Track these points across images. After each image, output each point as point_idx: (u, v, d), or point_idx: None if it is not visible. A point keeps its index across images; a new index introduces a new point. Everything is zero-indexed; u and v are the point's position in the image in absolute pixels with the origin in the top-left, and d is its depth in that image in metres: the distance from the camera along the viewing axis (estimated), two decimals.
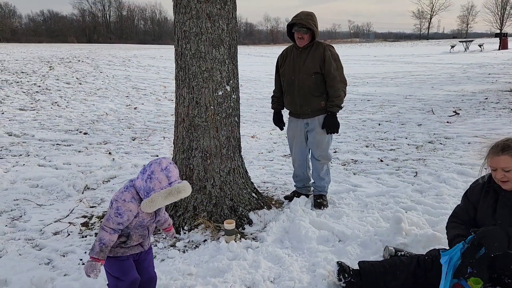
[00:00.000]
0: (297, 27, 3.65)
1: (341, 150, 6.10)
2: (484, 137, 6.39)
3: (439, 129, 7.14)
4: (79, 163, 5.52)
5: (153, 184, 1.98)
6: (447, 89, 12.01)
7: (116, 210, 2.01)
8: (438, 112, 8.71)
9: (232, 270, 2.74)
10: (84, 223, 3.65)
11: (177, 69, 3.51)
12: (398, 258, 2.62)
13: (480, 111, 8.58)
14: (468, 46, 29.93)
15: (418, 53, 28.75)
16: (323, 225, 3.46)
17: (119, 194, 2.04)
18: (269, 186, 4.60)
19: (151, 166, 2.01)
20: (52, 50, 25.24)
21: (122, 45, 46.21)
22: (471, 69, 16.82)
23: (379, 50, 36.99)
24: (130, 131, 7.70)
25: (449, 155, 5.55)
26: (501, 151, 2.21)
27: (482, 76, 14.47)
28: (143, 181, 2.00)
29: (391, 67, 19.57)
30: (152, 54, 25.46)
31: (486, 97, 10.23)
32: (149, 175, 1.99)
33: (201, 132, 3.46)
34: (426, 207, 3.76)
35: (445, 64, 19.84)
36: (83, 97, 11.08)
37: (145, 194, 2.00)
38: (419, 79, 14.61)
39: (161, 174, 1.98)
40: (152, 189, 1.98)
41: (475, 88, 11.77)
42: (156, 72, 16.98)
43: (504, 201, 2.30)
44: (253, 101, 11.42)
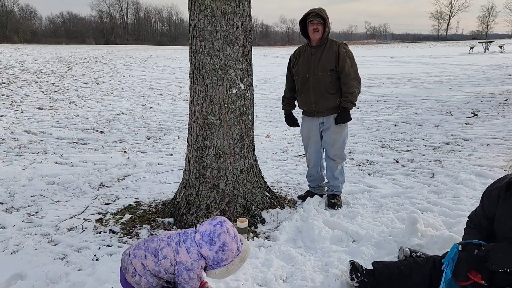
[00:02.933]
0: (311, 17, 3.63)
1: (356, 151, 6.03)
2: (503, 138, 6.25)
3: (457, 131, 7.00)
4: (95, 161, 5.58)
5: (227, 255, 2.03)
6: (465, 90, 11.78)
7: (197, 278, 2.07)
8: (456, 114, 8.55)
9: (244, 269, 2.72)
10: (99, 220, 3.68)
11: (192, 67, 3.52)
12: (414, 259, 2.57)
13: (499, 112, 8.39)
14: (488, 47, 29.33)
15: (436, 54, 28.32)
16: (336, 225, 3.41)
17: (195, 264, 2.05)
18: (283, 186, 4.57)
19: (220, 237, 2.03)
20: (71, 51, 25.68)
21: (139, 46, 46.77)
22: (490, 70, 16.46)
23: (396, 51, 36.56)
24: (145, 130, 7.77)
25: (467, 157, 5.43)
26: None
27: (502, 77, 14.15)
28: (213, 252, 2.03)
29: (408, 68, 19.32)
30: (168, 55, 25.69)
31: (506, 98, 10.00)
32: (221, 247, 2.02)
33: (214, 130, 3.46)
34: (442, 208, 3.69)
35: (463, 65, 19.48)
36: (100, 96, 11.24)
37: (216, 264, 2.03)
38: (437, 80, 14.38)
39: (233, 244, 2.04)
40: (226, 259, 2.03)
41: (495, 89, 11.52)
42: (171, 73, 17.12)
43: None
44: (267, 101, 11.41)
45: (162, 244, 2.12)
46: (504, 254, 2.06)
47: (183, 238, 2.13)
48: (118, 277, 2.29)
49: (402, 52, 34.40)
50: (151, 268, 2.08)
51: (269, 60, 26.79)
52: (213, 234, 2.04)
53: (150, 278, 2.08)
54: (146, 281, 2.08)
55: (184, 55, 24.36)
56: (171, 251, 2.08)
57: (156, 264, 2.07)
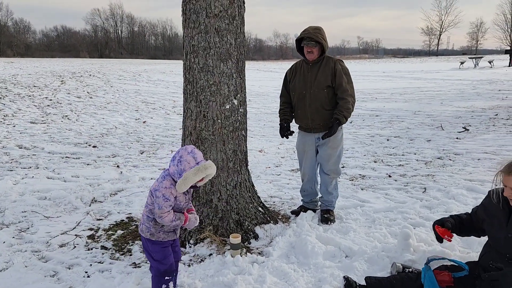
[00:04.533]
0: (305, 41, 3.67)
1: (349, 165, 6.06)
2: (494, 153, 6.32)
3: (449, 145, 7.07)
4: (87, 175, 5.55)
5: (183, 165, 2.31)
6: (456, 105, 11.94)
7: (163, 197, 2.34)
8: (447, 128, 8.65)
9: (237, 285, 2.71)
10: (91, 236, 3.65)
11: (185, 82, 3.55)
12: (406, 274, 2.58)
13: (490, 127, 8.50)
14: (478, 62, 29.85)
15: (427, 69, 28.72)
16: (330, 240, 3.42)
17: (159, 184, 2.37)
18: (276, 201, 4.57)
19: (179, 153, 2.36)
20: (64, 64, 25.70)
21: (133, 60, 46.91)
22: (481, 85, 16.71)
23: (388, 66, 37.03)
24: (139, 144, 7.75)
25: (459, 171, 5.48)
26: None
27: (492, 93, 14.37)
28: (174, 166, 2.33)
29: (400, 83, 19.55)
30: (162, 69, 25.79)
31: (496, 113, 10.14)
32: (179, 159, 2.32)
33: (208, 145, 3.47)
34: None
35: (454, 80, 19.76)
36: (93, 110, 11.22)
37: (179, 176, 2.32)
38: (428, 95, 14.56)
39: (188, 157, 2.33)
40: (183, 170, 2.31)
41: (485, 104, 11.68)
42: (165, 87, 17.17)
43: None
44: (261, 115, 11.46)
45: None
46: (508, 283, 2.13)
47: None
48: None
49: (394, 67, 34.85)
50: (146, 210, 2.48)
51: (263, 74, 26.99)
52: (175, 153, 2.38)
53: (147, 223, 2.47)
54: (146, 227, 2.47)
55: (178, 69, 24.47)
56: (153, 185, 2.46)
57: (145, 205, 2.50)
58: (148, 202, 2.45)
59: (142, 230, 2.49)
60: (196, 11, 3.30)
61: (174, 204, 2.41)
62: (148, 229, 2.46)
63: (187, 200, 2.52)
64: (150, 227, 2.46)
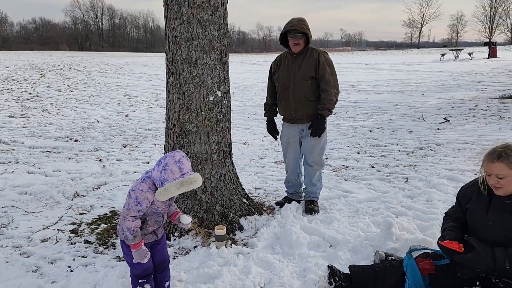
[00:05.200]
0: (292, 33, 3.67)
1: (332, 157, 6.11)
2: (473, 143, 6.46)
3: (430, 136, 7.19)
4: (69, 170, 5.47)
5: (167, 175, 2.15)
6: (437, 96, 12.13)
7: (135, 200, 2.20)
8: (428, 119, 8.79)
9: (222, 276, 2.71)
10: (73, 230, 3.61)
11: (168, 74, 3.51)
12: (389, 262, 2.63)
13: (470, 118, 8.67)
14: (458, 54, 30.35)
15: (409, 61, 29.06)
16: (314, 230, 3.45)
17: (137, 185, 2.24)
18: (261, 192, 4.59)
19: (166, 159, 2.19)
20: (44, 57, 25.13)
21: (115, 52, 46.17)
22: (461, 77, 17.02)
23: (371, 58, 37.34)
24: (121, 138, 7.66)
25: (440, 161, 5.59)
26: (496, 158, 2.21)
27: (472, 84, 14.65)
28: (158, 172, 2.18)
29: (382, 75, 19.75)
30: (144, 61, 25.46)
31: (475, 104, 10.35)
32: (164, 167, 2.16)
33: (192, 137, 3.45)
34: (416, 212, 3.78)
35: (435, 72, 20.06)
36: (74, 104, 11.02)
37: (160, 184, 2.17)
38: (410, 87, 14.75)
39: (174, 166, 2.16)
40: (166, 179, 2.15)
41: (465, 96, 11.90)
42: (148, 80, 16.96)
43: (497, 204, 2.31)
44: (245, 108, 11.44)
45: None
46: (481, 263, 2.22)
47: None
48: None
49: (377, 59, 35.15)
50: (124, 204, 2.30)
51: (246, 67, 26.90)
52: (162, 158, 2.22)
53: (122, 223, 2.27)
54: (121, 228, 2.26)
55: (160, 62, 24.19)
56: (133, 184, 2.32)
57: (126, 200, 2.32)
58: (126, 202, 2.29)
59: (119, 231, 2.30)
60: (178, 2, 3.26)
61: (151, 210, 2.28)
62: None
63: (167, 205, 2.37)
64: None
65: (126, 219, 2.21)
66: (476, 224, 2.40)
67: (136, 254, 2.24)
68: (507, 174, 2.19)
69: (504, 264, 2.18)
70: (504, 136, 6.81)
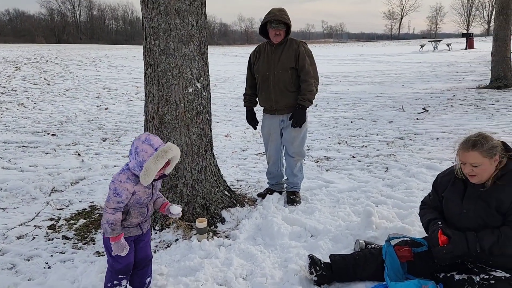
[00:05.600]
0: (274, 24, 3.64)
1: (314, 148, 6.14)
2: (451, 132, 6.58)
3: (409, 126, 7.29)
4: (46, 165, 5.34)
5: (141, 156, 2.15)
6: (416, 87, 12.30)
7: (114, 191, 2.18)
8: (408, 109, 8.90)
9: (204, 269, 2.70)
10: (51, 226, 3.53)
11: (146, 66, 3.44)
12: (368, 250, 2.66)
13: (448, 108, 8.83)
14: (437, 45, 30.83)
15: (389, 53, 29.36)
16: (295, 221, 3.46)
17: (116, 176, 2.22)
18: (243, 184, 4.58)
19: (134, 144, 2.19)
20: (19, 50, 24.39)
21: (93, 45, 45.22)
22: (439, 68, 17.29)
23: (352, 49, 37.57)
24: (101, 132, 7.53)
25: (418, 151, 5.67)
26: (471, 147, 2.24)
27: (450, 75, 14.90)
28: (133, 159, 2.17)
29: (363, 66, 19.91)
30: (124, 54, 25.00)
31: (453, 94, 10.53)
32: (135, 151, 2.16)
33: (171, 130, 3.41)
34: (396, 201, 3.83)
35: (415, 63, 20.32)
36: (51, 98, 10.76)
37: (140, 169, 2.16)
38: (390, 78, 14.91)
39: (144, 145, 2.16)
40: (143, 160, 2.14)
41: (443, 86, 12.10)
42: (128, 72, 16.68)
43: (472, 191, 2.35)
44: (227, 100, 11.38)
45: None
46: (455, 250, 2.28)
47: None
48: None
49: (358, 50, 35.40)
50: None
51: (228, 59, 26.73)
52: (131, 146, 2.21)
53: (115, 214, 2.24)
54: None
55: (140, 55, 23.65)
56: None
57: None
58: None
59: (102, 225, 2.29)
60: None
61: (133, 200, 2.25)
62: None
63: (149, 195, 2.32)
64: None
65: (106, 211, 2.19)
66: (452, 212, 2.45)
67: (115, 246, 2.21)
68: (481, 163, 2.23)
69: (475, 248, 2.24)
70: (480, 125, 6.95)
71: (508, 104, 8.79)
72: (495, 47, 10.99)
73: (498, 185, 2.26)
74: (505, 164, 2.28)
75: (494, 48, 11.04)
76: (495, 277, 2.25)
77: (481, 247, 2.23)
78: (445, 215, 2.52)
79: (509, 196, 2.22)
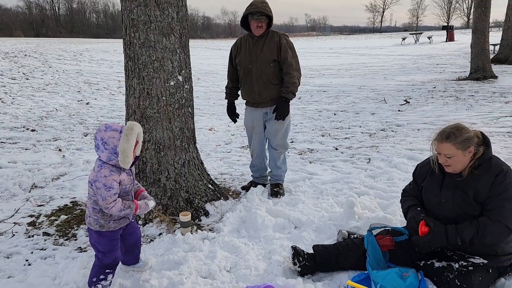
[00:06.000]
0: (256, 15, 3.61)
1: (297, 140, 6.16)
2: (432, 123, 6.68)
3: (391, 117, 7.38)
4: (26, 161, 5.23)
5: (111, 142, 2.15)
6: (398, 79, 12.44)
7: (104, 186, 2.17)
8: (390, 101, 9.00)
9: (188, 262, 2.70)
10: (31, 223, 3.47)
11: (126, 59, 3.39)
12: (351, 240, 2.69)
13: (429, 99, 8.96)
14: (418, 38, 31.20)
15: (371, 46, 29.58)
16: (279, 213, 3.48)
17: (97, 174, 2.19)
18: (227, 178, 4.57)
19: (96, 138, 2.18)
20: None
21: (73, 39, 44.35)
22: (420, 60, 17.51)
23: (335, 43, 37.72)
24: (82, 127, 7.41)
25: (400, 142, 5.75)
26: (445, 139, 2.29)
27: (431, 67, 15.11)
28: (103, 151, 2.16)
29: (346, 59, 20.03)
30: (105, 48, 24.60)
31: (434, 86, 10.69)
32: (103, 142, 2.15)
33: (153, 123, 3.37)
34: (378, 191, 3.88)
35: (396, 55, 20.53)
36: (30, 92, 10.52)
37: (115, 155, 2.16)
38: (373, 70, 15.04)
39: (108, 133, 2.15)
40: (115, 146, 2.15)
41: (424, 78, 12.27)
42: (109, 66, 16.43)
43: (450, 181, 2.41)
44: (210, 94, 11.31)
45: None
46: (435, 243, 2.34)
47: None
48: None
49: (341, 43, 35.56)
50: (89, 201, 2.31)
51: (211, 52, 26.55)
52: (95, 141, 2.21)
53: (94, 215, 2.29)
54: (94, 219, 2.29)
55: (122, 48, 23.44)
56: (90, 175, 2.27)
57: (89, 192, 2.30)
58: (90, 194, 2.27)
59: (91, 223, 2.30)
60: None
61: (121, 191, 2.26)
62: (96, 221, 2.28)
63: (132, 181, 2.37)
64: (98, 218, 2.28)
65: (109, 208, 2.19)
66: (431, 202, 2.50)
67: (142, 209, 2.37)
68: (455, 154, 2.28)
69: (456, 241, 2.29)
70: (460, 116, 7.08)
71: (487, 95, 8.97)
72: (474, 40, 11.17)
73: (475, 175, 2.31)
74: (482, 154, 2.32)
75: (473, 40, 11.22)
76: (474, 264, 2.31)
77: (462, 239, 2.27)
78: (424, 204, 2.57)
79: (485, 185, 2.27)
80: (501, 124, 6.34)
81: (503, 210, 2.22)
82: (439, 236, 2.32)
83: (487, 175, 2.28)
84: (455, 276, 2.27)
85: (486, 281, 2.28)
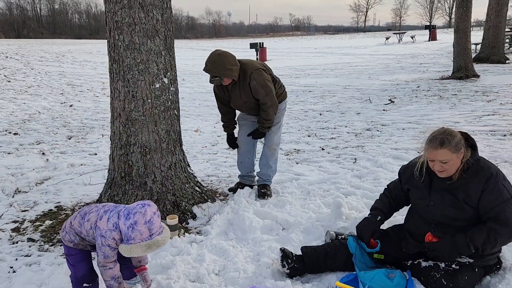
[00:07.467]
0: (211, 78, 3.63)
1: (284, 141, 6.18)
2: (416, 123, 6.77)
3: (376, 117, 7.46)
4: (8, 165, 5.13)
5: (135, 235, 2.05)
6: (383, 78, 12.57)
7: (109, 247, 2.13)
8: (375, 101, 9.10)
9: (175, 266, 2.68)
10: (15, 229, 3.40)
11: (111, 61, 3.36)
12: (339, 241, 2.71)
13: (413, 98, 9.07)
14: (401, 38, 31.60)
15: (356, 45, 29.84)
16: (267, 214, 3.48)
17: (108, 233, 2.12)
18: (213, 180, 4.56)
19: (135, 215, 2.07)
20: None
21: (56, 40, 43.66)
22: (404, 60, 17.73)
23: (320, 42, 37.95)
24: (66, 129, 7.29)
25: (385, 141, 5.81)
26: (439, 146, 2.24)
27: (414, 66, 15.31)
28: (125, 226, 2.08)
29: (331, 59, 20.16)
30: (88, 49, 24.32)
31: (418, 85, 10.84)
32: (132, 225, 2.06)
33: (139, 126, 3.34)
34: (364, 191, 3.91)
35: (380, 55, 20.75)
36: (12, 95, 10.32)
37: (126, 240, 2.09)
38: (357, 70, 15.17)
39: (143, 227, 2.06)
40: (133, 238, 2.06)
41: (408, 77, 12.42)
42: (93, 68, 16.23)
43: (439, 184, 2.40)
44: (196, 94, 11.26)
45: (94, 209, 2.27)
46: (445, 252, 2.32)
47: (112, 209, 2.24)
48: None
49: (325, 43, 35.79)
50: (75, 227, 2.25)
51: (196, 53, 26.45)
52: (132, 210, 2.10)
53: (72, 236, 2.25)
54: (69, 238, 2.25)
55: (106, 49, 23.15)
56: (94, 216, 2.21)
57: (79, 224, 2.23)
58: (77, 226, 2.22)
59: (65, 239, 2.26)
60: None
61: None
62: (72, 241, 2.26)
63: None
64: (75, 240, 2.25)
65: (106, 267, 2.16)
66: (419, 205, 2.52)
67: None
68: (451, 158, 2.26)
69: (468, 249, 2.26)
70: (443, 115, 7.19)
71: (469, 94, 9.13)
72: (456, 39, 11.35)
73: (465, 178, 2.31)
74: (470, 155, 2.32)
75: (455, 39, 11.39)
76: (460, 263, 2.33)
77: (475, 246, 2.24)
78: (412, 206, 2.59)
79: (475, 190, 2.27)
80: (484, 123, 6.46)
81: (506, 213, 2.21)
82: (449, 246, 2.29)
83: (476, 179, 2.28)
84: (441, 275, 2.30)
85: (472, 280, 2.31)
